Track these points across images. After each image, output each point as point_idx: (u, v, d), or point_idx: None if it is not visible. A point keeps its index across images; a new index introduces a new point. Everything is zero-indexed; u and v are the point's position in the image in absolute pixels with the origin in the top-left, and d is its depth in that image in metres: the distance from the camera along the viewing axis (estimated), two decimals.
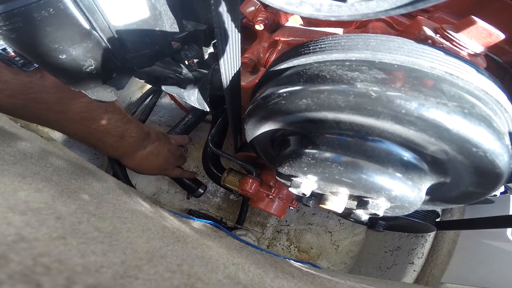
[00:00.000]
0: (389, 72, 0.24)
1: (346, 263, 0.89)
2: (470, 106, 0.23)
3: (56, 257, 0.19)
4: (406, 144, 0.27)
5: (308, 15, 0.23)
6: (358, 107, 0.24)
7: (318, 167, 0.30)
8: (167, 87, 0.54)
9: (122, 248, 0.25)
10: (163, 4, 0.36)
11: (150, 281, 0.22)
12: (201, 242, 0.41)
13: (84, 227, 0.26)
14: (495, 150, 0.23)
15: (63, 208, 0.28)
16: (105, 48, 0.35)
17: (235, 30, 0.28)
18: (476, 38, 0.29)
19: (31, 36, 0.28)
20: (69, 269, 0.19)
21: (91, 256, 0.21)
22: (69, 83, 0.37)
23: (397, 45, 0.27)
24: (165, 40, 0.40)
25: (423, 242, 0.72)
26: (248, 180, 0.60)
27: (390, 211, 0.32)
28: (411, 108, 0.22)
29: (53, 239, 0.21)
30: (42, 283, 0.16)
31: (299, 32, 0.42)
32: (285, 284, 0.37)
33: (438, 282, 0.66)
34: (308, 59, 0.29)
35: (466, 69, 0.26)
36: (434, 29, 0.31)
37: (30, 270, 0.17)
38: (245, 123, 0.35)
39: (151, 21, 0.36)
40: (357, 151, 0.28)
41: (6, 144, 0.40)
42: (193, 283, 0.25)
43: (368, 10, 0.22)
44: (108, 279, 0.20)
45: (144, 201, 0.52)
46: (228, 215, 0.90)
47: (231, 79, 0.35)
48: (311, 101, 0.26)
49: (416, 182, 0.29)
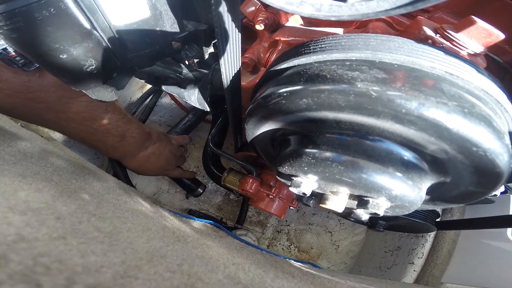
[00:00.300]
0: (389, 72, 0.25)
1: (346, 263, 0.89)
2: (470, 106, 0.23)
3: (56, 257, 0.19)
4: (406, 143, 0.27)
5: (308, 15, 0.23)
6: (358, 106, 0.24)
7: (319, 166, 0.30)
8: (168, 87, 0.54)
9: (122, 248, 0.25)
10: (164, 4, 0.36)
11: (150, 281, 0.22)
12: (201, 242, 0.41)
13: (84, 227, 0.26)
14: (495, 150, 0.23)
15: (63, 208, 0.28)
16: (106, 48, 0.35)
17: (236, 30, 0.28)
18: (476, 38, 0.29)
19: (32, 36, 0.28)
20: (69, 269, 0.19)
21: (91, 256, 0.21)
22: (69, 83, 0.37)
23: (397, 45, 0.27)
24: (166, 40, 0.40)
25: (423, 242, 0.72)
26: (248, 180, 0.60)
27: (391, 210, 0.32)
28: (411, 107, 0.22)
29: (53, 239, 0.21)
30: (42, 283, 0.16)
31: (300, 32, 0.42)
32: (285, 284, 0.37)
33: (438, 282, 0.66)
34: (309, 59, 0.29)
35: (466, 69, 0.26)
36: (434, 29, 0.31)
37: (30, 270, 0.17)
38: (246, 123, 0.35)
39: (152, 21, 0.36)
40: (358, 151, 0.28)
41: (6, 144, 0.40)
42: (193, 283, 0.25)
43: (368, 10, 0.22)
44: (108, 279, 0.20)
45: (144, 201, 0.52)
46: (228, 215, 0.90)
47: (231, 79, 0.35)
48: (312, 101, 0.26)
49: (417, 182, 0.29)
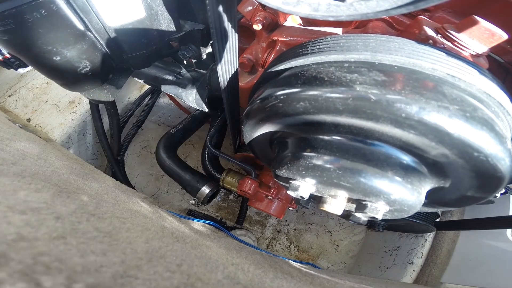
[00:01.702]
0: (389, 74, 0.24)
1: (345, 262, 0.89)
2: (472, 109, 0.22)
3: (56, 256, 0.19)
4: (406, 147, 0.26)
5: (305, 15, 0.22)
6: (357, 110, 0.23)
7: (316, 170, 0.29)
8: (165, 87, 0.53)
9: (121, 248, 0.25)
10: (160, 4, 0.35)
11: (150, 280, 0.22)
12: (200, 243, 0.40)
13: (83, 227, 0.26)
14: (497, 155, 0.23)
15: (62, 208, 0.27)
16: (101, 49, 0.34)
17: (232, 30, 0.27)
18: (479, 38, 0.28)
19: (23, 38, 0.27)
20: (69, 268, 0.18)
21: (91, 256, 0.21)
22: (64, 85, 0.36)
23: (398, 45, 0.26)
24: (162, 40, 0.39)
25: (423, 242, 0.72)
26: (247, 181, 0.60)
27: (389, 214, 0.31)
28: (412, 111, 0.22)
29: (53, 239, 0.21)
30: (42, 282, 0.16)
31: (298, 32, 0.42)
32: (284, 284, 0.37)
33: (438, 282, 0.66)
34: (306, 60, 0.29)
35: (468, 71, 0.25)
36: (435, 29, 0.30)
37: (30, 269, 0.17)
38: (243, 125, 0.35)
39: (147, 21, 0.35)
40: (356, 155, 0.28)
41: (5, 144, 0.39)
42: (192, 283, 0.25)
43: (367, 10, 0.21)
44: (108, 279, 0.20)
45: (143, 202, 0.52)
46: (227, 215, 0.90)
47: (229, 79, 0.34)
48: (309, 104, 0.25)
49: (416, 186, 0.28)
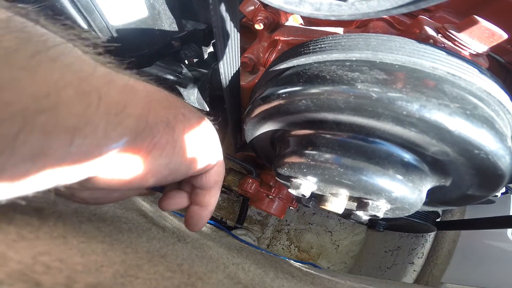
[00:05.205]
0: (390, 73, 0.24)
1: (346, 262, 0.89)
2: (472, 108, 0.23)
3: (56, 256, 0.19)
4: (407, 145, 0.27)
5: (307, 15, 0.23)
6: (358, 108, 0.23)
7: (318, 168, 0.29)
8: (167, 86, 0.53)
9: (122, 247, 0.25)
10: (162, 3, 0.36)
11: (151, 280, 0.22)
12: (201, 242, 0.41)
13: (84, 226, 0.26)
14: (497, 152, 0.23)
15: (63, 206, 0.28)
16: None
17: (234, 30, 0.27)
18: (479, 38, 0.28)
19: None
20: (69, 268, 0.18)
21: (91, 255, 0.21)
22: None
23: (398, 45, 0.26)
24: (164, 40, 0.39)
25: (423, 242, 0.72)
26: (248, 180, 0.60)
27: (390, 212, 0.31)
28: (413, 109, 0.22)
29: (53, 238, 0.21)
30: (42, 282, 0.16)
31: (299, 31, 0.42)
32: (285, 284, 0.37)
33: (438, 282, 0.66)
34: (308, 59, 0.29)
35: (468, 70, 0.25)
36: (436, 28, 0.31)
37: (30, 269, 0.17)
38: (245, 124, 0.35)
39: (150, 21, 0.35)
40: (357, 153, 0.28)
41: None
42: (193, 283, 0.25)
43: (369, 10, 0.21)
44: (108, 278, 0.20)
45: (143, 201, 0.52)
46: (228, 214, 0.90)
47: (230, 79, 0.34)
48: (311, 102, 0.25)
49: (417, 184, 0.29)
